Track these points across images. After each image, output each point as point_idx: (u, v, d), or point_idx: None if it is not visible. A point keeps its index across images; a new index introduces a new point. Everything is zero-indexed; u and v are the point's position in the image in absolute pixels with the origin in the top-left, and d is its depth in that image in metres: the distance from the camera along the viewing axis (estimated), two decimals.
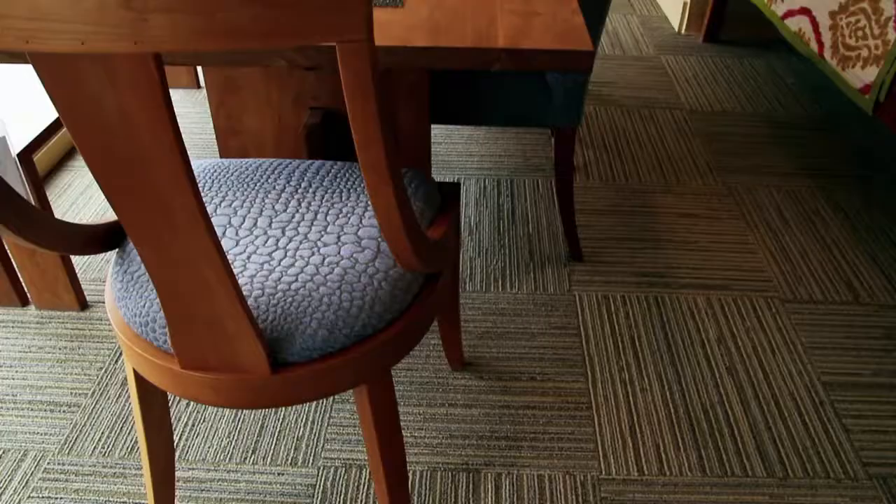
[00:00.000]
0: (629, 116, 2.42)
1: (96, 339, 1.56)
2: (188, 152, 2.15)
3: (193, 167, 1.16)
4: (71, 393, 1.44)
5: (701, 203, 2.01)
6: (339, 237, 0.98)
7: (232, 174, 1.13)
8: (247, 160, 1.17)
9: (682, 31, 3.08)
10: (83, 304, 1.65)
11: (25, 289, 1.65)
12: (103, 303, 1.66)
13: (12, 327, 1.60)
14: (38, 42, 0.57)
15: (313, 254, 0.96)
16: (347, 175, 1.11)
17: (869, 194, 2.08)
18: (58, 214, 1.95)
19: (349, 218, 1.02)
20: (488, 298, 1.67)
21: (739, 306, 1.67)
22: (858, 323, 1.64)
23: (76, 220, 1.92)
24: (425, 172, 1.18)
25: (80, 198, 2.01)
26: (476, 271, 1.74)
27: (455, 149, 2.21)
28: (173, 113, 0.61)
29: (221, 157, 1.41)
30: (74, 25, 0.56)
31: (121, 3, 0.54)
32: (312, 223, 1.01)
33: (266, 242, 0.98)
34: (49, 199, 1.96)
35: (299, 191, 1.08)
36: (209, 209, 1.05)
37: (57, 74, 0.60)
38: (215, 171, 1.14)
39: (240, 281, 0.92)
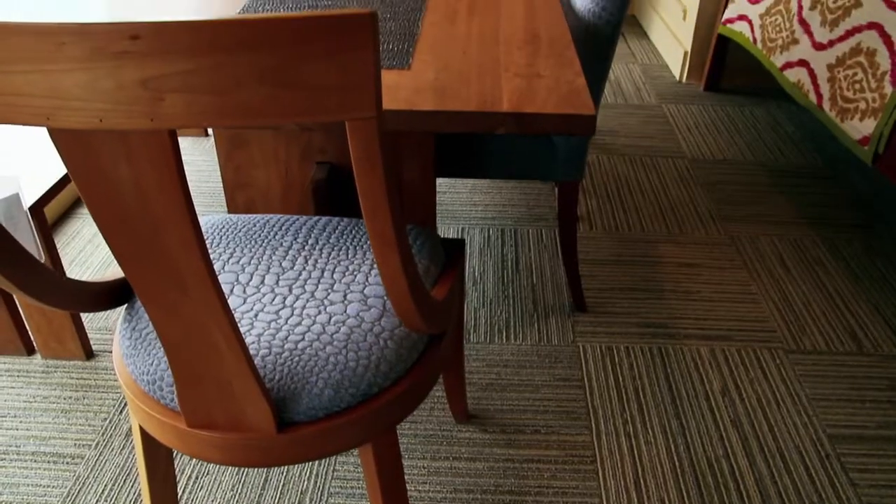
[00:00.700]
0: (632, 165, 2.45)
1: (101, 388, 1.57)
2: (195, 200, 2.17)
3: (202, 223, 1.18)
4: (75, 444, 1.44)
5: (703, 252, 2.02)
6: (345, 295, 1.00)
7: (240, 230, 1.15)
8: (254, 216, 1.19)
9: (684, 80, 3.13)
10: (89, 353, 1.66)
11: (32, 337, 1.66)
12: (109, 352, 1.67)
13: (17, 376, 1.60)
14: (58, 119, 0.59)
15: (320, 312, 0.97)
16: (354, 232, 1.13)
17: (870, 243, 2.09)
18: (66, 262, 1.97)
19: (355, 276, 1.03)
20: (492, 350, 1.67)
21: (743, 357, 1.67)
22: (863, 374, 1.64)
23: (84, 267, 1.94)
24: (430, 228, 1.19)
25: (88, 245, 2.03)
26: (480, 322, 1.75)
27: (459, 198, 2.23)
28: (186, 185, 0.63)
29: (229, 208, 1.43)
30: (93, 104, 0.58)
31: (139, 84, 0.56)
32: (319, 281, 1.03)
33: (273, 300, 0.99)
34: (57, 246, 1.98)
35: (306, 248, 1.10)
36: (217, 266, 1.07)
37: (75, 149, 0.62)
38: (223, 227, 1.16)
39: (247, 340, 0.93)
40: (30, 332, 1.66)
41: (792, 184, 2.38)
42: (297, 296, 1.00)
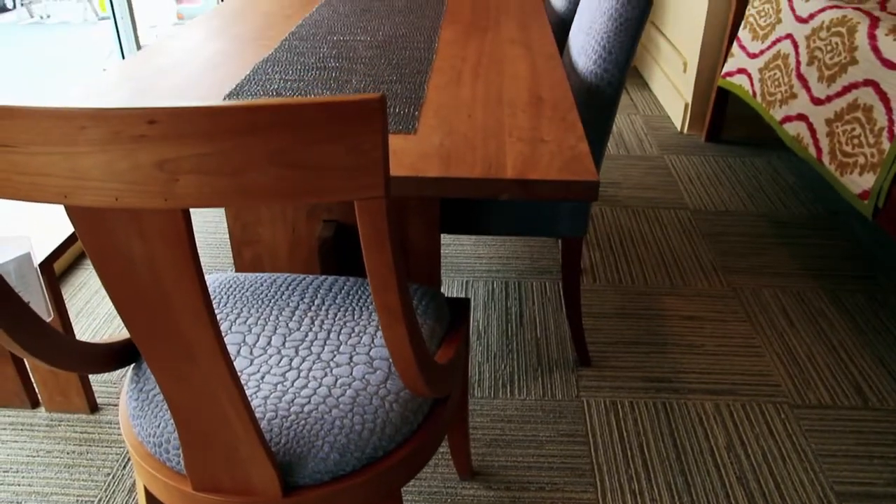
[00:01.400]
0: (634, 217, 2.47)
1: (105, 443, 1.57)
2: (201, 252, 2.19)
3: (209, 281, 1.20)
4: (77, 500, 1.44)
5: (707, 305, 2.03)
6: (351, 357, 1.00)
7: (247, 289, 1.16)
8: (261, 275, 1.20)
9: (685, 131, 3.17)
10: (93, 407, 1.66)
11: (37, 390, 1.67)
12: (113, 405, 1.67)
13: (21, 430, 1.60)
14: (75, 197, 0.61)
15: (326, 374, 0.98)
16: (360, 292, 1.14)
17: (873, 295, 2.09)
18: (73, 313, 1.99)
19: (361, 337, 1.04)
20: (497, 405, 1.67)
21: (748, 412, 1.67)
22: (869, 429, 1.63)
23: (91, 318, 1.95)
24: (435, 288, 1.21)
25: (94, 297, 2.04)
26: (485, 376, 1.75)
27: (464, 250, 2.25)
28: (198, 261, 0.64)
29: (235, 263, 1.45)
30: (110, 184, 0.60)
31: (154, 166, 0.58)
32: (325, 342, 1.04)
33: (280, 362, 1.00)
34: (64, 297, 1.99)
35: (313, 308, 1.11)
36: (224, 326, 1.08)
37: (90, 225, 0.64)
38: (231, 286, 1.17)
39: (253, 402, 0.94)
40: (35, 386, 1.66)
41: (794, 235, 2.39)
42: (304, 357, 1.01)
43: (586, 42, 1.45)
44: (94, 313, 1.98)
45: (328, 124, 0.56)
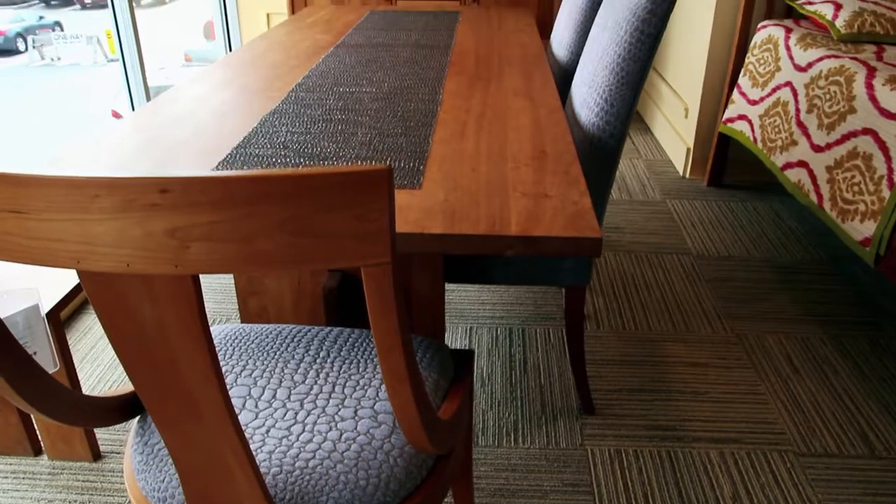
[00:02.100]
0: (637, 262, 2.48)
1: (107, 491, 1.56)
2: (206, 298, 2.20)
3: (214, 333, 1.20)
4: None
5: (710, 351, 2.03)
6: (356, 411, 1.01)
7: (252, 341, 1.17)
8: (267, 326, 1.21)
9: (687, 176, 3.19)
10: (96, 455, 1.66)
11: (40, 438, 1.66)
12: (116, 453, 1.66)
13: (23, 478, 1.59)
14: (87, 263, 0.62)
15: (331, 429, 0.98)
16: (364, 344, 1.15)
17: (877, 341, 2.09)
18: (77, 359, 1.99)
19: (366, 391, 1.04)
20: (500, 454, 1.66)
21: (753, 461, 1.65)
22: (875, 478, 1.62)
23: (95, 364, 1.95)
24: (439, 340, 1.21)
25: (99, 342, 2.05)
26: (488, 424, 1.75)
27: (467, 296, 2.26)
28: (207, 325, 0.65)
29: (241, 313, 1.46)
30: (121, 250, 0.61)
31: (166, 233, 0.60)
32: (330, 396, 1.04)
33: (285, 416, 1.01)
34: (69, 342, 2.00)
35: (318, 360, 1.11)
36: (229, 379, 1.08)
37: (101, 289, 0.65)
38: (236, 338, 1.18)
39: (258, 457, 0.94)
40: (38, 433, 1.66)
41: (797, 280, 2.40)
42: (309, 411, 1.01)
43: (588, 95, 1.47)
44: (98, 359, 1.98)
45: (336, 194, 0.58)
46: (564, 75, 2.07)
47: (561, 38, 2.17)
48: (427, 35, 2.15)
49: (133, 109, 3.44)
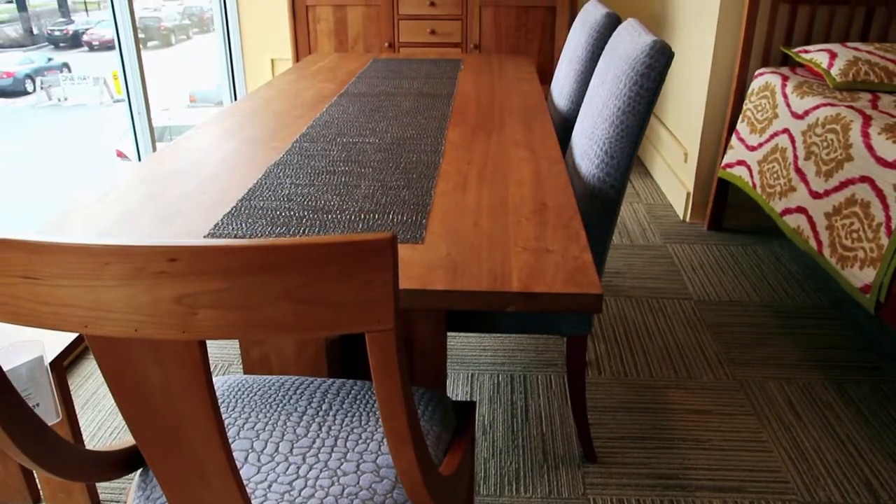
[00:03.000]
0: (639, 308, 2.48)
1: None
2: (208, 345, 2.21)
3: (217, 384, 1.21)
4: None
5: (712, 398, 2.02)
6: (358, 465, 1.01)
7: (255, 393, 1.18)
8: (269, 378, 1.22)
9: (687, 219, 3.21)
10: None
11: (39, 487, 1.66)
12: (115, 502, 1.65)
13: None
14: (96, 328, 0.64)
15: (333, 483, 0.98)
16: (367, 397, 1.15)
17: (879, 386, 2.09)
18: (78, 405, 1.99)
19: (368, 444, 1.05)
20: (503, 503, 1.65)
21: None
22: None
23: (96, 410, 1.95)
24: (441, 391, 1.22)
25: (100, 388, 2.05)
26: (490, 473, 1.74)
27: (468, 342, 2.26)
28: (213, 389, 0.66)
29: (243, 361, 1.46)
30: (130, 316, 0.62)
31: (174, 300, 0.61)
32: (333, 449, 1.04)
33: (287, 470, 1.01)
34: (70, 387, 2.00)
35: (320, 413, 1.12)
36: (232, 432, 1.09)
37: (109, 353, 0.66)
38: (239, 389, 1.19)
39: None
40: (38, 483, 1.65)
41: (798, 325, 2.40)
42: (311, 465, 1.01)
43: (588, 146, 1.50)
44: (99, 405, 1.98)
45: (341, 263, 0.59)
46: (565, 124, 2.10)
47: (561, 87, 2.21)
48: (429, 83, 2.18)
49: (137, 149, 3.48)
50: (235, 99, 4.17)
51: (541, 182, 1.35)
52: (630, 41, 1.46)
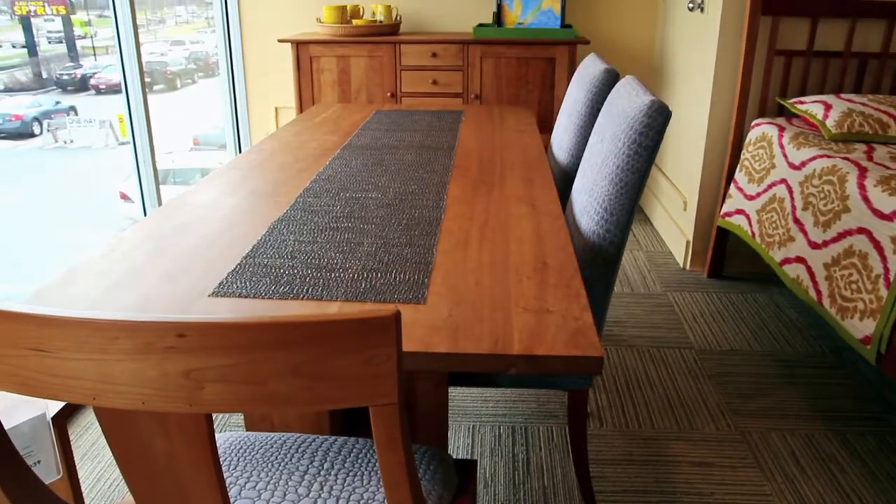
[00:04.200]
0: (640, 357, 2.48)
1: None
2: None
3: (219, 441, 1.21)
4: None
5: (715, 450, 2.01)
6: None
7: (257, 451, 1.18)
8: (271, 435, 1.22)
9: (687, 267, 3.23)
10: None
11: None
12: None
13: None
14: (103, 399, 0.65)
15: None
16: (368, 455, 1.15)
17: (884, 437, 2.08)
18: (78, 456, 1.98)
19: None
20: None
21: None
22: None
23: (96, 462, 1.94)
24: (442, 450, 1.22)
25: (99, 439, 2.04)
26: None
27: (470, 394, 2.26)
28: (217, 460, 0.67)
29: (245, 418, 1.46)
30: (137, 389, 0.63)
31: (181, 374, 0.62)
32: None
33: None
34: (71, 438, 1.99)
35: (322, 472, 1.12)
36: (233, 492, 1.09)
37: (116, 424, 0.66)
38: (241, 447, 1.19)
39: None
40: None
41: (800, 374, 2.40)
42: None
43: (588, 203, 1.52)
44: (99, 456, 1.97)
45: (346, 339, 0.60)
46: (565, 177, 2.13)
47: (561, 140, 2.24)
48: (431, 136, 2.22)
49: (141, 192, 3.51)
50: (239, 145, 4.22)
51: (541, 239, 1.37)
52: (628, 100, 1.49)
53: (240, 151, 4.23)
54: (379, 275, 1.20)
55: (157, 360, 0.62)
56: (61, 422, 1.44)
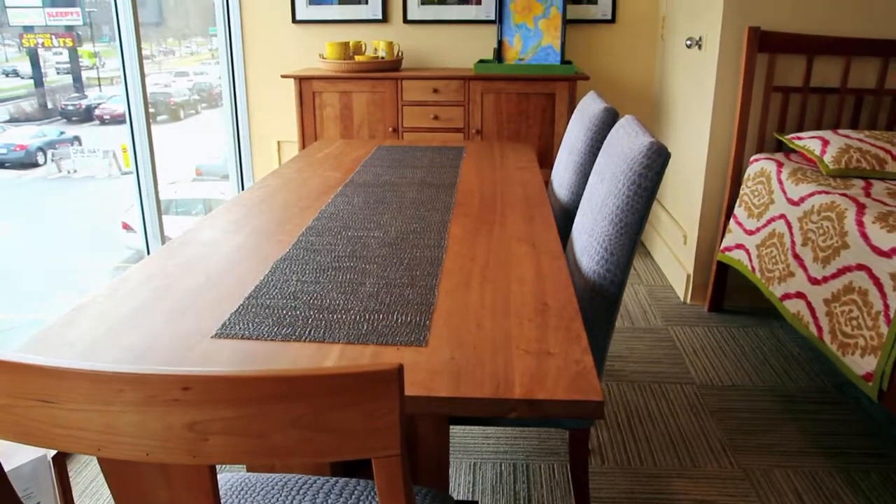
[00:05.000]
0: (641, 393, 2.48)
1: None
2: None
3: (220, 483, 1.21)
4: None
5: (718, 488, 2.00)
6: None
7: (258, 492, 1.18)
8: (273, 476, 1.22)
9: (688, 301, 3.23)
10: None
11: None
12: None
13: None
14: (108, 451, 0.65)
15: None
16: (370, 498, 1.15)
17: (888, 474, 2.07)
18: (77, 492, 1.97)
19: None
20: None
21: None
22: None
23: (94, 499, 1.93)
24: (444, 492, 1.21)
25: (98, 476, 2.04)
26: None
27: (471, 431, 2.25)
28: None
29: None
30: (142, 440, 0.64)
31: (185, 427, 0.63)
32: None
33: None
34: (70, 474, 1.99)
35: None
36: None
37: (120, 474, 0.67)
38: (242, 488, 1.19)
39: None
40: None
41: (802, 410, 2.39)
42: None
43: (588, 243, 1.53)
44: (97, 494, 1.96)
45: (348, 392, 0.61)
46: (566, 214, 2.14)
47: (561, 178, 2.26)
48: (432, 172, 2.24)
49: (144, 223, 3.52)
50: (242, 178, 4.25)
51: (542, 279, 1.38)
52: (628, 140, 1.51)
53: (242, 184, 4.26)
54: (381, 316, 1.21)
55: (161, 413, 0.62)
56: (61, 461, 1.44)
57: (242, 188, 4.26)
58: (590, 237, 1.53)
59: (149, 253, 3.55)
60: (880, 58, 2.88)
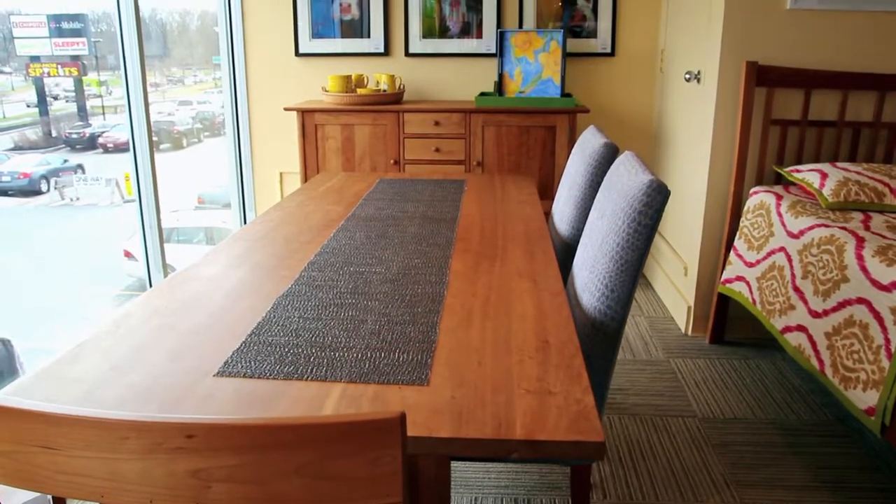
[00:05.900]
0: (643, 426, 2.47)
1: None
2: None
3: None
4: None
5: None
6: None
7: None
8: None
9: (689, 333, 3.23)
10: None
11: None
12: None
13: None
14: (111, 497, 0.65)
15: None
16: None
17: None
18: None
19: None
20: None
21: None
22: None
23: None
24: None
25: None
26: None
27: (472, 464, 2.24)
28: None
29: None
30: (145, 488, 0.64)
31: (189, 474, 0.63)
32: None
33: None
34: None
35: None
36: None
37: None
38: None
39: None
40: None
41: (805, 443, 2.38)
42: None
43: (589, 279, 1.54)
44: None
45: (350, 440, 0.62)
46: (566, 248, 2.15)
47: (562, 212, 2.28)
48: (434, 206, 2.25)
49: (146, 251, 3.54)
50: (244, 208, 4.27)
51: (543, 316, 1.38)
52: (628, 178, 1.52)
53: (244, 214, 4.28)
54: (382, 354, 1.22)
55: (165, 460, 0.63)
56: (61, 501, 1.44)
57: (244, 218, 4.28)
58: (590, 273, 1.54)
59: (150, 281, 3.56)
60: (876, 91, 2.91)
